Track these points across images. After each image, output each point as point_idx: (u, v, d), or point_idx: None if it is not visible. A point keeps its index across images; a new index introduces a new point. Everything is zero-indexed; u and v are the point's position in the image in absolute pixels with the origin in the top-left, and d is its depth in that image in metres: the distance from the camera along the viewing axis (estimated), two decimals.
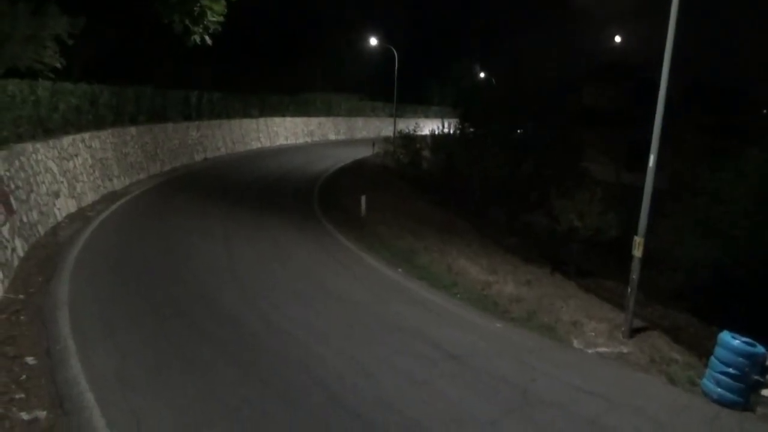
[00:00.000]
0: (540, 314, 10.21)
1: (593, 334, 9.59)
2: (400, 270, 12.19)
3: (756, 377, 7.57)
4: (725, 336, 7.90)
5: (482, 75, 56.84)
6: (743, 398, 7.55)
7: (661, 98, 9.33)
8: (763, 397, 7.57)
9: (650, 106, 9.79)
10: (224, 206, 16.79)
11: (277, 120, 37.96)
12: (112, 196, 16.92)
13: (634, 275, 9.67)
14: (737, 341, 7.73)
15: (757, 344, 7.75)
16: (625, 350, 9.08)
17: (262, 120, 35.73)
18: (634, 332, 9.70)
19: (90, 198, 15.81)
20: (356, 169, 28.95)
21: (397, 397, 6.70)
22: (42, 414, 5.68)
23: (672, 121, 10.33)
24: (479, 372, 7.64)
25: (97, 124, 17.83)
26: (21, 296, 8.64)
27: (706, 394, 7.78)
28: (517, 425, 6.37)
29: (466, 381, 7.35)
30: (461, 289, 11.32)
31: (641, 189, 9.74)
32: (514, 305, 10.62)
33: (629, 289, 9.72)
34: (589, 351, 8.96)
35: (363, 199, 16.96)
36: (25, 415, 5.62)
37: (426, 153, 30.64)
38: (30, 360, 6.74)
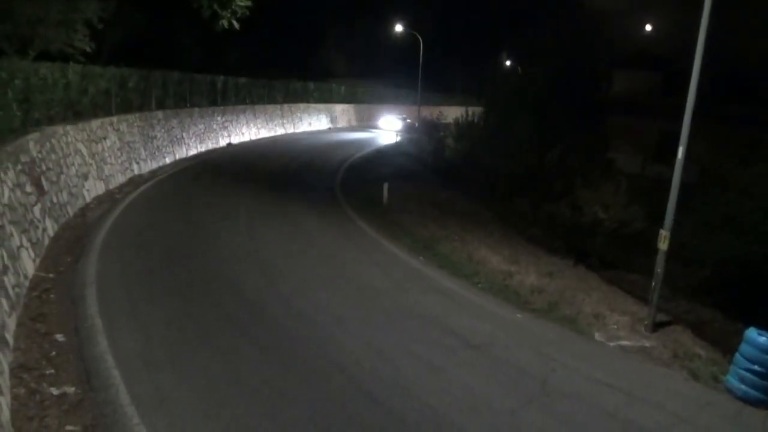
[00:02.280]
0: (561, 306, 10.14)
1: (615, 327, 9.49)
2: (421, 258, 12.20)
3: None
4: (752, 332, 7.74)
5: (508, 63, 56.16)
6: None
7: (693, 88, 9.10)
8: None
9: (681, 96, 9.56)
10: (247, 191, 16.94)
11: (301, 106, 38.09)
12: (138, 179, 17.22)
13: (659, 269, 9.52)
14: (764, 338, 7.57)
15: None
16: (647, 344, 8.97)
17: (286, 106, 35.88)
18: (657, 326, 9.57)
19: (118, 180, 16.10)
20: (379, 156, 28.93)
21: (415, 384, 6.74)
22: (71, 389, 5.85)
23: (703, 112, 10.08)
24: (498, 362, 7.63)
25: (125, 107, 18.13)
26: (51, 275, 8.88)
27: (729, 391, 7.66)
28: (535, 416, 6.36)
29: (484, 370, 7.36)
30: (482, 278, 11.28)
31: (668, 181, 9.55)
32: (535, 296, 10.55)
33: (653, 283, 9.58)
34: (611, 344, 8.87)
35: (385, 186, 16.96)
36: (54, 390, 5.79)
37: (450, 141, 30.45)
38: (59, 337, 6.94)
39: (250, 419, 5.66)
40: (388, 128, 38.28)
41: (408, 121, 39.28)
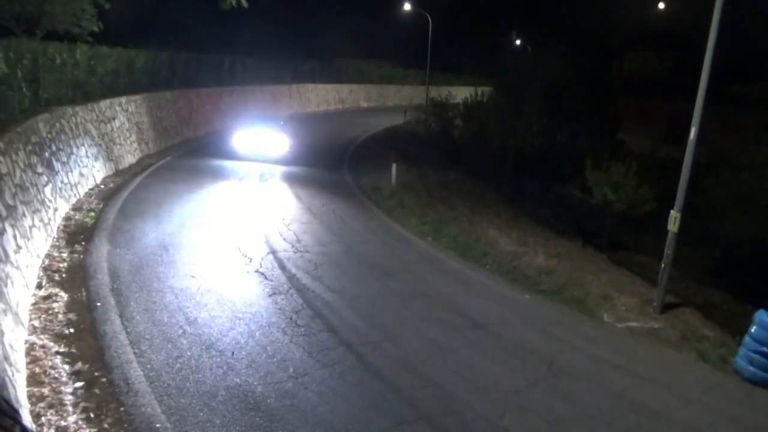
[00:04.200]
0: (570, 287, 10.14)
1: (624, 308, 9.49)
2: (429, 239, 12.21)
3: None
4: (762, 314, 7.73)
5: (518, 42, 55.42)
6: None
7: (706, 67, 8.96)
8: None
9: (694, 76, 9.42)
10: (257, 173, 16.94)
11: (309, 86, 37.87)
12: (148, 160, 17.26)
13: (669, 250, 9.49)
14: None
15: None
16: (656, 326, 8.98)
17: (294, 86, 35.70)
18: (666, 308, 9.57)
19: (127, 161, 16.16)
20: (387, 137, 28.79)
21: (423, 363, 6.79)
22: (85, 366, 5.95)
23: (716, 93, 9.93)
24: (506, 342, 7.67)
25: (133, 88, 18.10)
26: (63, 254, 8.97)
27: (738, 373, 7.68)
28: (542, 395, 6.41)
29: (492, 350, 7.40)
30: (490, 259, 11.28)
31: (679, 162, 9.46)
32: (543, 277, 10.56)
33: (663, 264, 9.55)
34: (619, 325, 8.88)
35: (393, 167, 16.91)
36: (68, 368, 5.89)
37: (458, 122, 30.23)
38: (72, 316, 7.03)
39: None
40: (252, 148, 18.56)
41: (282, 124, 19.58)
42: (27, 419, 4.76)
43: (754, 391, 7.33)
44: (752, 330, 7.75)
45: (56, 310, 7.11)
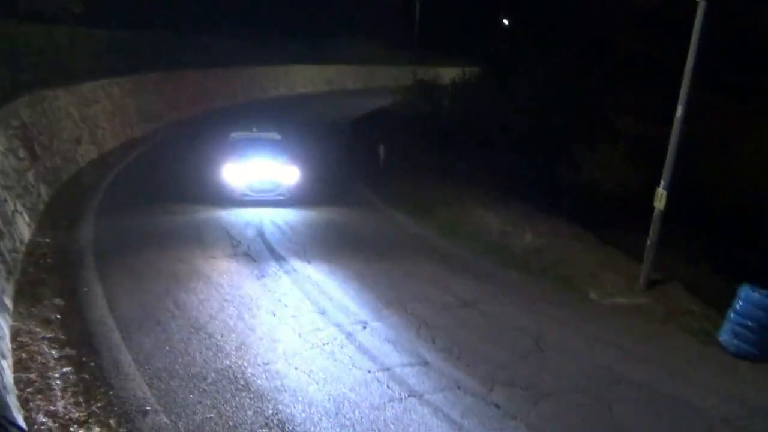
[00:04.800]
0: (557, 266, 10.21)
1: (610, 285, 9.57)
2: (417, 219, 12.21)
3: None
4: (746, 289, 7.83)
5: (506, 22, 55.02)
6: (760, 350, 7.54)
7: (693, 47, 8.98)
8: None
9: (681, 58, 9.43)
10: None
11: (296, 68, 37.47)
12: (132, 143, 17.03)
13: (655, 227, 9.56)
14: (757, 294, 7.66)
15: None
16: (641, 301, 9.07)
17: (280, 67, 35.30)
18: (652, 284, 9.65)
19: (111, 145, 15.93)
20: (375, 118, 28.59)
21: (410, 340, 6.84)
22: (72, 351, 5.91)
23: (708, 81, 9.91)
24: (493, 319, 7.74)
25: (117, 70, 17.79)
26: (47, 240, 8.87)
27: (722, 346, 7.79)
28: (529, 370, 6.47)
29: (479, 327, 7.46)
30: (478, 239, 11.32)
31: (667, 140, 9.50)
32: (531, 256, 10.61)
33: (648, 242, 9.63)
34: (606, 302, 8.98)
35: (381, 148, 16.84)
36: (56, 353, 5.85)
37: (445, 102, 30.07)
38: (58, 301, 6.97)
39: None
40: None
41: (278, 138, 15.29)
42: (14, 404, 4.72)
43: (737, 363, 7.45)
44: (737, 304, 7.85)
45: (42, 295, 7.05)
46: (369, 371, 6.08)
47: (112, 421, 4.91)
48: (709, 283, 12.90)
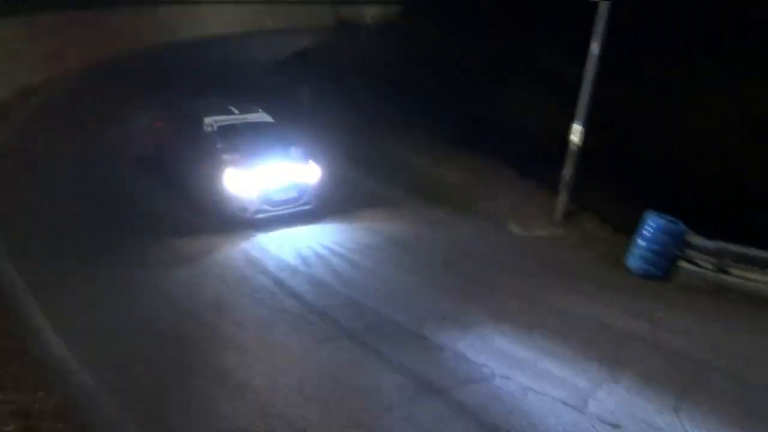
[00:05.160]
0: (481, 202, 10.53)
1: (530, 218, 10.01)
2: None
3: (676, 252, 8.20)
4: (650, 215, 8.40)
5: None
6: (663, 271, 8.21)
7: None
8: (681, 269, 8.24)
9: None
10: (152, 108, 15.63)
11: (209, 7, 35.22)
12: (27, 92, 15.50)
13: (570, 160, 9.96)
14: (661, 220, 8.25)
15: (679, 222, 8.30)
16: (559, 232, 9.57)
17: (191, 6, 33.09)
18: (568, 216, 10.16)
19: (2, 95, 14.32)
20: (296, 61, 27.57)
21: (339, 281, 6.95)
22: None
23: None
24: (421, 256, 7.96)
25: (6, 10, 15.92)
26: None
27: (630, 269, 8.39)
28: (456, 299, 6.79)
29: (409, 264, 7.66)
30: (404, 179, 11.43)
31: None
32: (456, 194, 10.87)
33: (565, 175, 10.04)
34: (526, 233, 9.41)
35: (306, 89, 16.38)
36: None
37: (371, 44, 29.39)
38: None
39: None
40: None
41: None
42: None
43: (644, 283, 8.08)
44: (643, 230, 8.43)
45: None
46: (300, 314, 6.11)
47: None
48: (623, 213, 13.75)
